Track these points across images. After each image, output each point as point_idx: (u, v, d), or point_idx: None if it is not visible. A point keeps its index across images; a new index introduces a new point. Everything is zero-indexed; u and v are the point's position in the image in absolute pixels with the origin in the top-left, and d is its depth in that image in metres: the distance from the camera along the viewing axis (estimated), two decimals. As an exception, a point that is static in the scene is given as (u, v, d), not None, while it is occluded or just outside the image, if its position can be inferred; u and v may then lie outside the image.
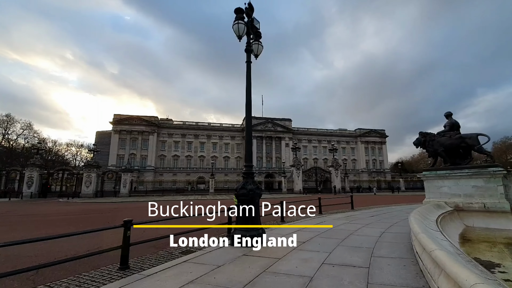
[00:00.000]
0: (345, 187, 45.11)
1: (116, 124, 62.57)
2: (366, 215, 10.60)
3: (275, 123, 71.87)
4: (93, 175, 32.95)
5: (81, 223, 11.07)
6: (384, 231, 6.68)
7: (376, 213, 11.50)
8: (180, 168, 65.65)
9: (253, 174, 5.94)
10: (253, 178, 5.87)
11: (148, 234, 7.53)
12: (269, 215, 9.49)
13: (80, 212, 14.93)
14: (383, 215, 10.53)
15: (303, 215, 11.15)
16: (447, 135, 10.87)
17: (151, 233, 7.80)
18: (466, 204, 9.80)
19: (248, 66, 6.41)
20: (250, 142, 6.07)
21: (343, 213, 11.61)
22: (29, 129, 66.65)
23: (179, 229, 6.07)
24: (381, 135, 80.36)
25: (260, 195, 5.79)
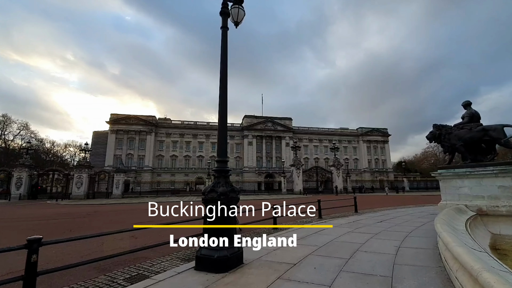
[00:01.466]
0: (347, 187, 43.57)
1: (113, 123, 61.34)
2: (373, 220, 9.13)
3: (275, 122, 70.40)
4: (84, 176, 31.64)
5: (29, 232, 9.64)
6: (400, 245, 5.22)
7: (384, 217, 10.03)
8: (179, 168, 64.34)
9: (228, 172, 4.50)
10: (227, 177, 4.43)
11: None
12: (260, 221, 8.06)
13: (51, 217, 13.49)
14: (393, 221, 9.05)
15: (300, 219, 9.71)
16: (466, 128, 9.39)
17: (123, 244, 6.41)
18: (491, 208, 8.32)
19: (223, 33, 5.00)
20: (225, 128, 4.64)
21: (346, 218, 10.16)
22: (26, 130, 65.77)
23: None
24: (384, 134, 78.66)
25: (237, 199, 4.36)
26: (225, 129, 4.66)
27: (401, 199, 26.07)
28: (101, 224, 10.47)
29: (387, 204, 18.50)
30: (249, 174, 64.15)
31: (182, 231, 6.28)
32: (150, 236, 7.54)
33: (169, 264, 4.79)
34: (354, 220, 9.39)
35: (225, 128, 4.65)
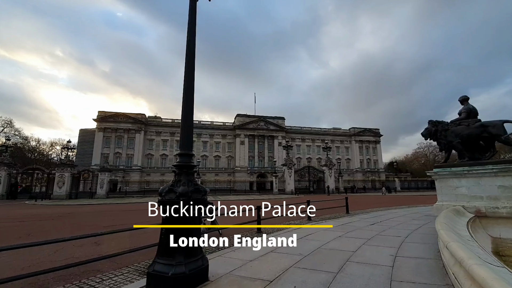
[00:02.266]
0: (339, 187, 43.24)
1: (100, 121, 59.53)
2: (365, 223, 8.46)
3: (268, 121, 69.78)
4: (66, 175, 30.19)
5: None
6: (396, 254, 4.51)
7: (376, 219, 9.38)
8: (169, 168, 62.77)
9: (192, 169, 3.70)
10: (190, 174, 3.63)
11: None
12: (245, 223, 7.29)
13: (17, 219, 12.30)
14: (386, 223, 8.40)
15: (288, 221, 8.98)
16: (464, 124, 8.83)
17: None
18: (490, 209, 7.76)
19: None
20: (191, 112, 3.84)
21: (336, 220, 9.47)
22: (10, 127, 63.12)
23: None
24: (376, 134, 79.08)
25: (202, 202, 3.56)
26: (191, 113, 3.86)
27: (393, 199, 25.72)
28: (68, 228, 9.48)
29: (379, 204, 17.99)
30: (241, 174, 63.31)
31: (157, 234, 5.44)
32: (117, 242, 6.65)
33: (123, 279, 3.96)
34: (345, 222, 8.70)
35: (191, 112, 3.85)
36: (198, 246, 3.42)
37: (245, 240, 6.05)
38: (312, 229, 7.39)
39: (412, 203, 17.86)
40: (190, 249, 3.28)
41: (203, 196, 3.58)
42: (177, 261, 3.15)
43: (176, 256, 3.19)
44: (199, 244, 3.48)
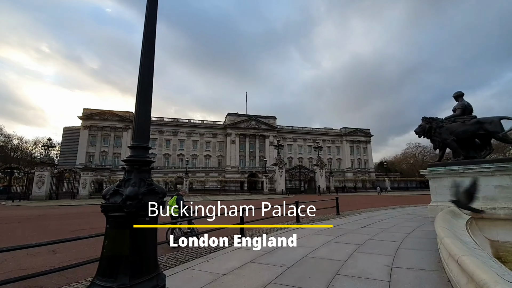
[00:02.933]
0: (330, 187, 43.07)
1: (85, 119, 57.43)
2: (357, 225, 7.92)
3: (259, 120, 69.15)
4: (46, 174, 28.68)
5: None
6: (393, 264, 3.94)
7: (368, 221, 8.87)
8: (157, 167, 61.29)
9: (147, 165, 2.99)
10: (144, 172, 2.91)
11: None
12: (231, 224, 6.61)
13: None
14: (379, 225, 7.89)
15: (275, 222, 8.35)
16: (459, 120, 8.41)
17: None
18: (488, 211, 7.33)
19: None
20: (149, 89, 3.12)
21: (326, 221, 8.90)
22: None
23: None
24: (366, 135, 79.68)
25: (161, 204, 2.85)
26: (149, 92, 3.13)
27: (384, 199, 25.53)
28: (31, 233, 8.54)
29: (370, 205, 17.62)
30: (232, 174, 62.47)
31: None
32: (78, 251, 5.85)
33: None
34: (335, 224, 8.14)
35: (149, 89, 3.13)
36: (151, 261, 2.72)
37: (223, 241, 5.41)
38: (299, 231, 6.78)
39: (403, 203, 17.60)
40: (139, 266, 2.58)
41: (160, 200, 2.88)
42: (120, 283, 2.44)
43: (120, 276, 2.48)
44: (154, 258, 2.78)
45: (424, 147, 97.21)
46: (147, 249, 2.72)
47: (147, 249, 2.72)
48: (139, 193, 2.68)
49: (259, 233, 7.05)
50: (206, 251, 5.20)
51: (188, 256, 4.93)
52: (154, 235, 2.85)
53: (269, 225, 7.87)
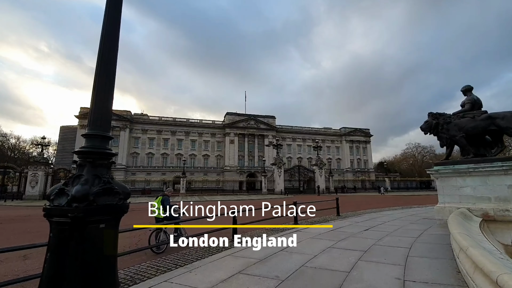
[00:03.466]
0: (330, 187, 42.53)
1: (82, 118, 56.66)
2: (358, 228, 7.37)
3: (258, 120, 68.61)
4: (40, 174, 28.08)
5: None
6: (405, 276, 3.38)
7: (370, 223, 8.32)
8: (155, 167, 60.84)
9: (107, 158, 2.43)
10: (101, 167, 2.35)
11: None
12: (225, 224, 6.05)
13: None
14: (383, 228, 7.34)
15: (270, 225, 7.78)
16: (468, 116, 7.86)
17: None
18: (500, 212, 6.80)
19: None
20: (112, 63, 2.57)
21: (326, 224, 8.35)
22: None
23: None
24: (366, 134, 79.18)
25: (118, 210, 2.30)
26: (112, 69, 2.58)
27: (385, 200, 25.00)
28: (10, 235, 7.97)
29: (370, 205, 17.08)
30: (231, 174, 61.92)
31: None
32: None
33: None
34: (335, 227, 7.58)
35: (111, 63, 2.57)
36: (106, 279, 2.16)
37: (212, 242, 4.86)
38: (297, 235, 6.22)
39: (405, 204, 17.06)
40: (89, 286, 2.02)
41: (122, 202, 2.31)
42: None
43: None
44: (111, 275, 2.22)
45: (423, 147, 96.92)
46: (100, 264, 2.14)
47: (101, 264, 2.15)
48: (90, 193, 2.11)
49: (253, 235, 6.50)
50: (192, 258, 4.65)
51: (171, 264, 4.37)
52: (112, 246, 2.27)
53: (264, 225, 7.32)
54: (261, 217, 7.30)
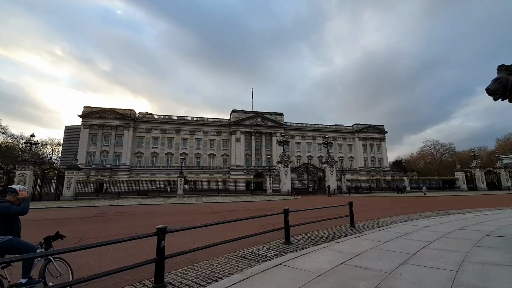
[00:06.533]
0: (342, 187, 39.00)
1: (86, 117, 55.88)
2: (387, 256, 4.38)
3: (266, 117, 65.68)
4: (28, 174, 26.37)
5: None
6: None
7: (405, 245, 5.28)
8: (160, 167, 59.18)
9: None
10: None
11: None
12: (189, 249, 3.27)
13: None
14: (431, 256, 4.31)
15: (247, 247, 4.92)
16: None
17: None
18: None
19: None
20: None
21: (334, 245, 5.38)
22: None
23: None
24: (380, 131, 74.50)
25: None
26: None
27: (407, 202, 21.42)
28: None
29: (394, 210, 13.82)
30: (237, 173, 59.40)
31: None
32: None
33: None
34: (348, 253, 4.62)
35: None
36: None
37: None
38: (279, 279, 3.32)
39: (437, 208, 13.70)
40: None
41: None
42: None
43: None
44: None
45: (442, 144, 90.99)
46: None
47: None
48: None
49: (197, 275, 3.66)
50: None
51: None
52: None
53: (238, 249, 4.45)
54: (243, 229, 4.49)
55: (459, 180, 45.75)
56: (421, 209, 13.69)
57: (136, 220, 11.25)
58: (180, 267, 4.10)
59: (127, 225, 9.84)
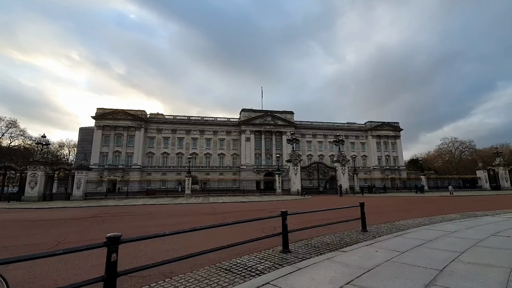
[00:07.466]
0: (354, 186, 37.47)
1: (99, 119, 56.95)
2: (405, 273, 3.49)
3: (275, 116, 64.70)
4: (39, 174, 26.79)
5: None
6: None
7: (427, 256, 4.35)
8: (170, 167, 59.48)
9: None
10: None
11: None
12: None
13: None
14: (457, 271, 3.37)
15: (239, 256, 4.14)
16: None
17: None
18: None
19: None
20: None
21: (341, 255, 4.51)
22: (14, 127, 62.24)
23: None
24: (395, 129, 71.63)
25: None
26: None
27: (425, 202, 19.94)
28: None
29: (411, 212, 12.63)
30: (247, 173, 58.83)
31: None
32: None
33: None
34: (356, 267, 3.76)
35: None
36: None
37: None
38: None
39: (460, 209, 12.39)
40: None
41: None
42: None
43: None
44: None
45: (461, 142, 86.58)
46: None
47: None
48: None
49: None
50: None
51: None
52: None
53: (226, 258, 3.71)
54: (242, 233, 3.76)
55: (481, 179, 43.05)
56: (441, 210, 12.43)
57: (133, 221, 10.75)
58: (147, 283, 3.38)
59: (121, 226, 9.32)
